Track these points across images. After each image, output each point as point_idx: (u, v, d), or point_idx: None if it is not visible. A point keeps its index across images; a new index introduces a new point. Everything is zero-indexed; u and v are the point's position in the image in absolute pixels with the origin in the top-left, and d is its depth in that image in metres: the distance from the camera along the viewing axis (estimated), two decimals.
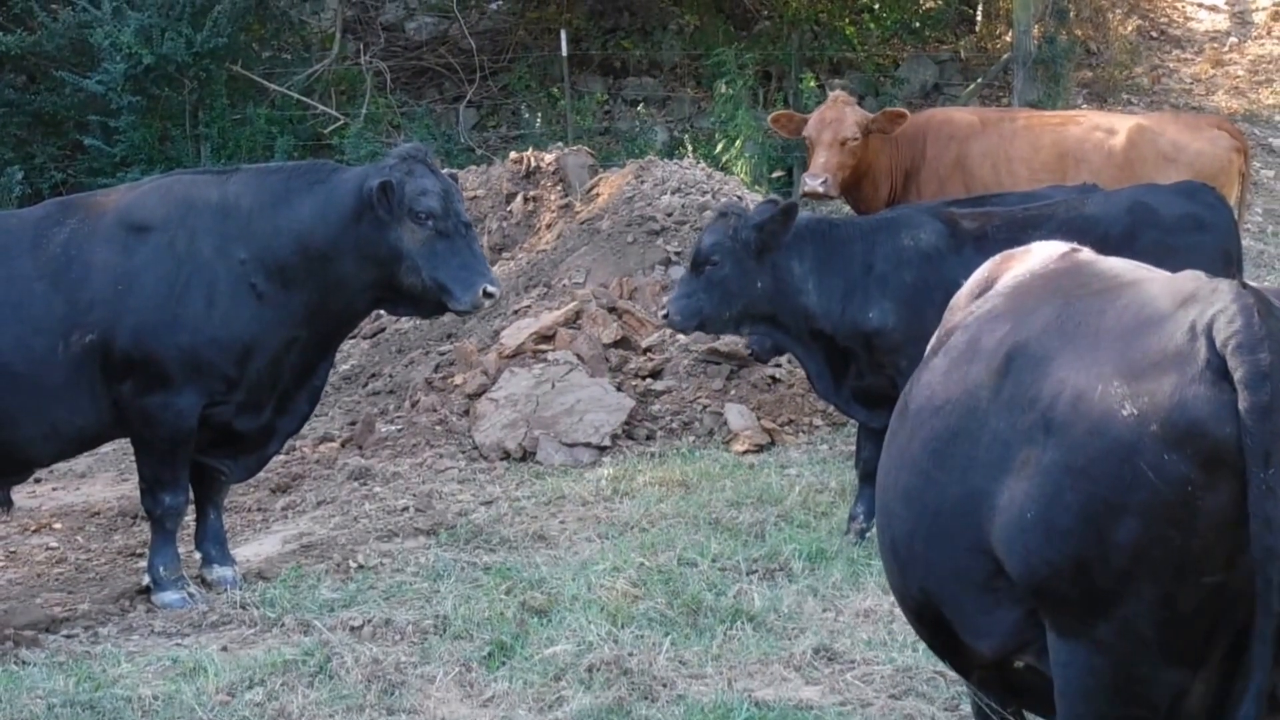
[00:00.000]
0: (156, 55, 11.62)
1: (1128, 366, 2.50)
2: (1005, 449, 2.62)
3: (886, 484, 3.00)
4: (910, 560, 2.88)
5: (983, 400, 2.71)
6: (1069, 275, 2.90)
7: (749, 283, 5.49)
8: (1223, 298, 2.50)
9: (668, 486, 6.33)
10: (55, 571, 5.85)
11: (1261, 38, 14.68)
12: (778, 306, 5.54)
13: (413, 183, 5.23)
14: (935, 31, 14.19)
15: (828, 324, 5.52)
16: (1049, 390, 2.58)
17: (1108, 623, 2.52)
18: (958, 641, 2.84)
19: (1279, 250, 10.77)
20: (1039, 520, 2.54)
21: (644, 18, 14.31)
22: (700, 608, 4.85)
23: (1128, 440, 2.45)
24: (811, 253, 5.51)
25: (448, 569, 5.36)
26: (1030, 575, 2.58)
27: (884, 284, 5.48)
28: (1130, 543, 2.46)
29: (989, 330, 2.84)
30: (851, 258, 5.53)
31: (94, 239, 5.19)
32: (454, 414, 7.31)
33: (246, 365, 5.24)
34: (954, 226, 5.57)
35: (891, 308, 5.45)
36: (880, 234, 5.59)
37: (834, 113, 7.39)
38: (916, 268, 5.47)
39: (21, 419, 5.06)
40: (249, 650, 4.70)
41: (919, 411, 2.90)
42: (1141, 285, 2.69)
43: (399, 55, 14.23)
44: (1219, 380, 2.42)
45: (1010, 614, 2.69)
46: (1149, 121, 7.72)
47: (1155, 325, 2.53)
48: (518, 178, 9.79)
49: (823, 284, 5.49)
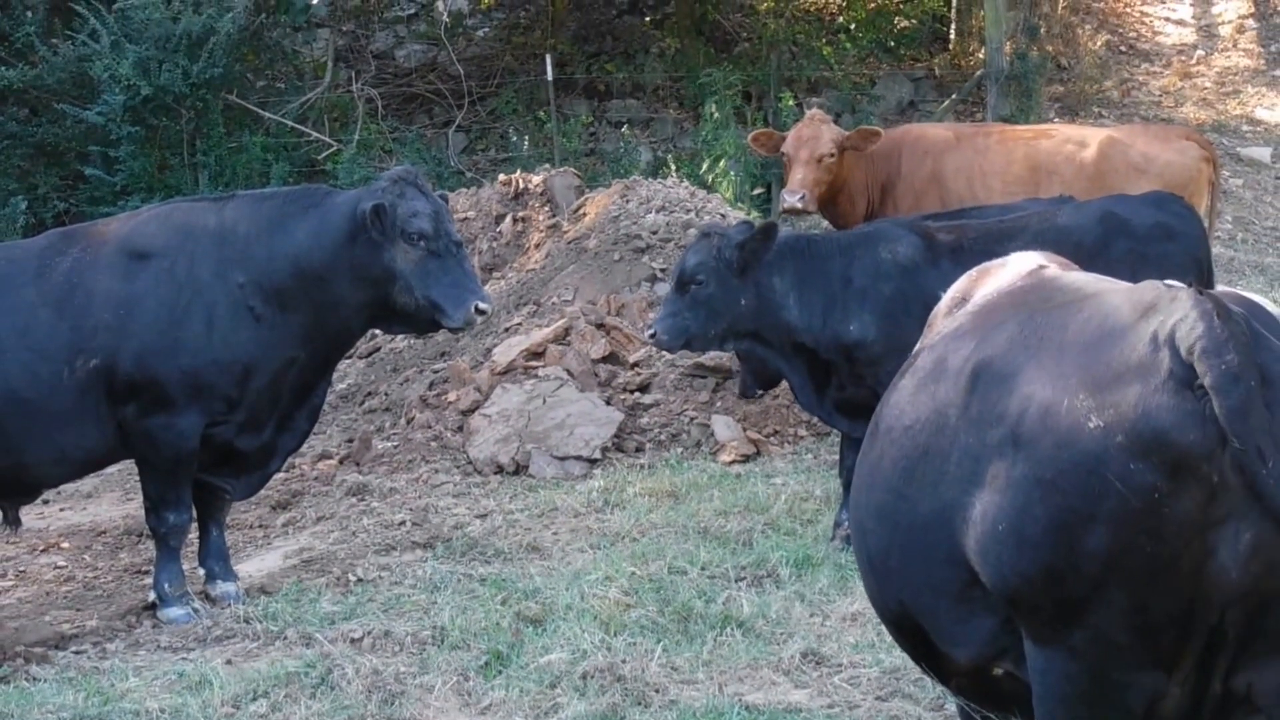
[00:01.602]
0: (154, 86, 11.74)
1: (1092, 379, 2.51)
2: (975, 464, 2.64)
3: (860, 502, 3.03)
4: (886, 575, 2.92)
5: (951, 417, 2.73)
6: (1034, 291, 2.92)
7: (733, 300, 5.57)
8: (1182, 306, 2.51)
9: (657, 497, 6.40)
10: (64, 589, 5.88)
11: (1227, 50, 14.83)
12: (761, 323, 5.62)
13: (404, 204, 5.29)
14: (910, 50, 14.34)
15: (809, 338, 5.59)
16: (1016, 405, 2.59)
17: (1082, 630, 2.54)
18: (936, 651, 2.87)
19: (1249, 257, 10.81)
20: (1010, 532, 2.56)
21: (626, 42, 14.46)
22: (691, 615, 4.91)
23: (1094, 452, 2.46)
24: (792, 269, 5.59)
25: (444, 581, 5.41)
26: (1004, 585, 2.61)
27: (863, 297, 5.55)
28: (1101, 551, 2.47)
29: (955, 349, 2.86)
30: (831, 273, 5.60)
31: (96, 267, 5.25)
32: (448, 430, 7.38)
33: (246, 386, 5.29)
34: (930, 240, 5.65)
35: (871, 320, 5.53)
36: (858, 249, 5.66)
37: (810, 130, 7.50)
38: (895, 280, 5.54)
39: (30, 443, 5.13)
40: (252, 663, 4.75)
41: (889, 431, 2.92)
42: (1103, 297, 2.70)
43: (389, 82, 14.37)
44: (1181, 389, 2.43)
45: (986, 623, 2.73)
46: (1119, 134, 7.78)
47: (1117, 336, 2.54)
48: (507, 199, 9.87)
49: (803, 299, 5.57)
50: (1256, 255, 10.97)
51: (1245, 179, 12.54)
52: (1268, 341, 2.53)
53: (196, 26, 11.98)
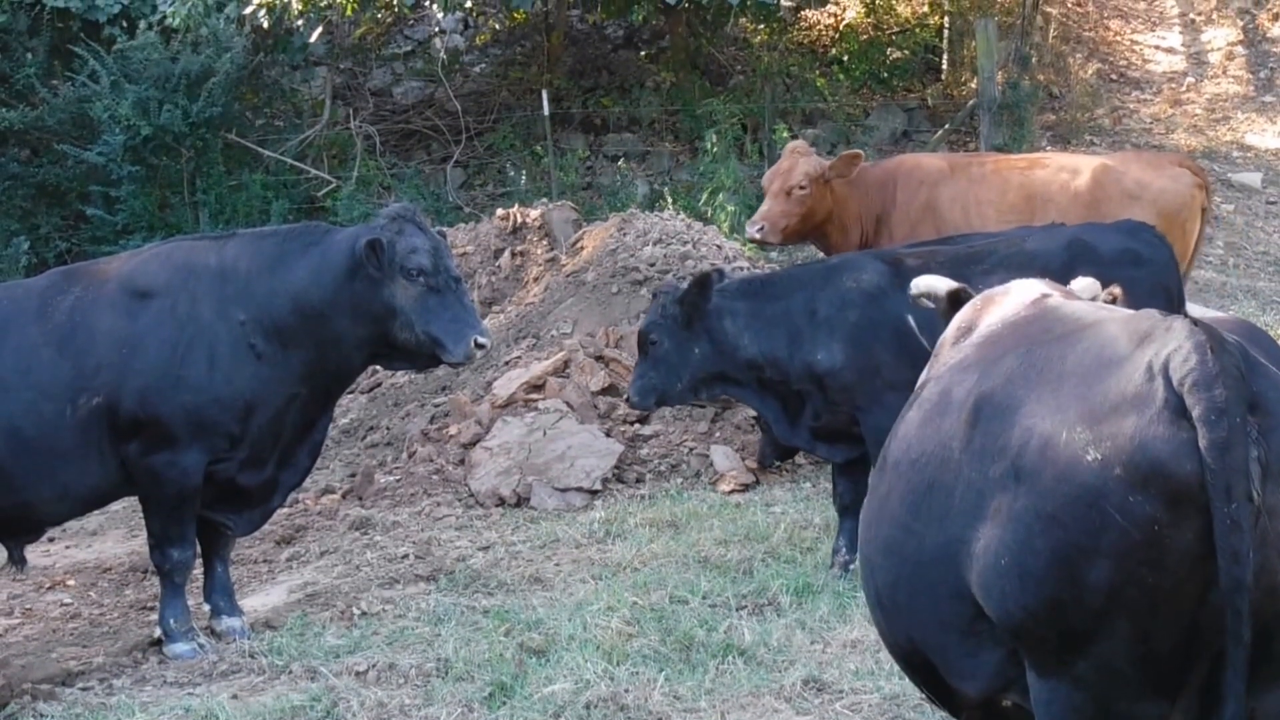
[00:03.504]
0: (154, 126, 11.82)
1: (1089, 411, 2.53)
2: (979, 497, 2.65)
3: (867, 537, 3.03)
4: (894, 610, 2.93)
5: (955, 451, 2.74)
6: (1036, 321, 2.93)
7: (688, 352, 5.74)
8: (1177, 336, 2.53)
9: (658, 527, 6.43)
10: (70, 626, 5.89)
11: (1217, 77, 14.93)
12: (723, 365, 5.76)
13: (403, 241, 5.32)
14: (903, 81, 14.44)
15: (776, 371, 5.70)
16: (1017, 438, 2.61)
17: (1086, 660, 2.55)
18: (946, 685, 2.87)
19: (1240, 282, 10.85)
20: (1013, 566, 2.57)
21: (622, 76, 14.57)
22: (692, 644, 4.93)
23: (1094, 485, 2.48)
24: (743, 309, 5.72)
25: (448, 613, 5.43)
26: (1008, 619, 2.62)
27: (830, 327, 5.66)
28: (1103, 584, 2.49)
29: (959, 381, 2.87)
30: (793, 307, 5.72)
31: (98, 305, 5.28)
32: (450, 463, 7.42)
33: (248, 423, 5.32)
34: (897, 265, 5.75)
35: (839, 348, 5.64)
36: (822, 280, 5.79)
37: (787, 163, 7.53)
38: (860, 307, 5.66)
39: (35, 481, 5.16)
40: (258, 697, 4.77)
41: (896, 465, 2.93)
42: (1100, 327, 2.71)
43: (387, 119, 14.47)
44: (1177, 419, 2.45)
45: (993, 655, 2.73)
46: (1113, 161, 7.79)
47: (1114, 367, 2.56)
48: (505, 234, 9.93)
49: (761, 336, 5.70)
50: (1248, 280, 11.03)
51: (1236, 204, 12.60)
52: (1264, 369, 2.56)
53: (195, 66, 12.08)
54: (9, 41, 12.60)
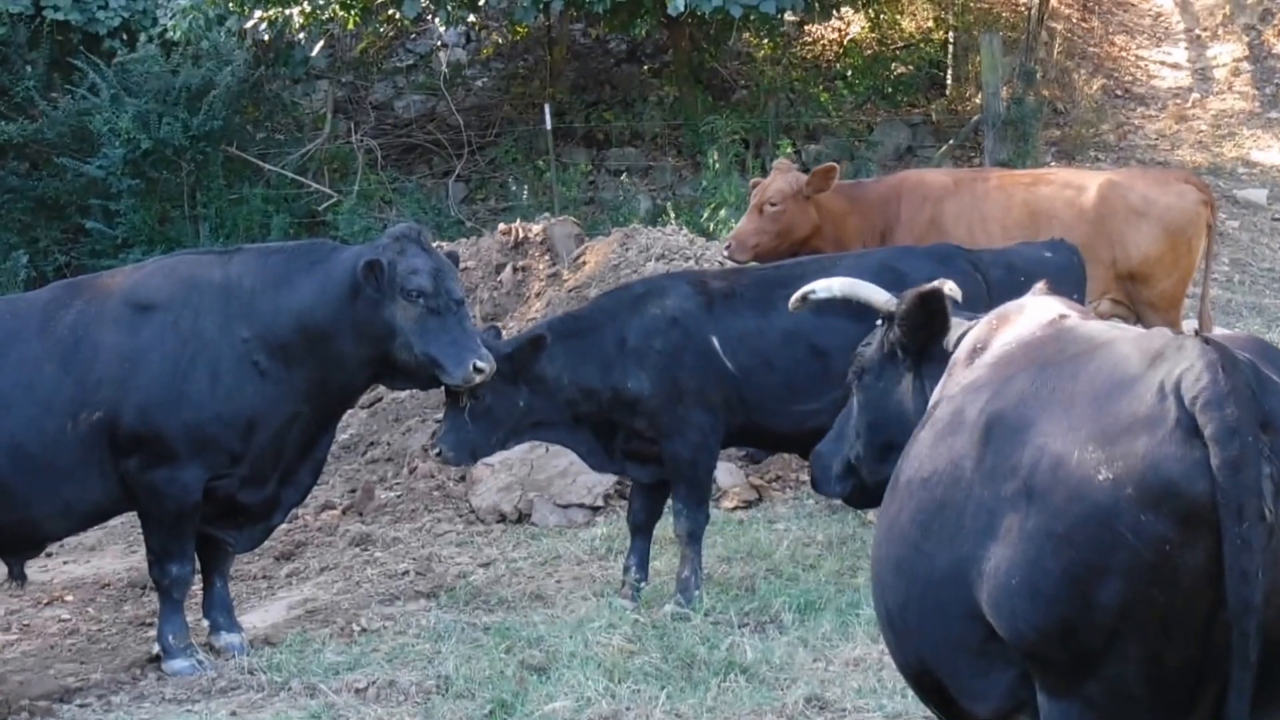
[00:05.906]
0: (154, 139, 11.85)
1: (1101, 431, 2.53)
2: (990, 517, 2.65)
3: (878, 556, 3.01)
4: (905, 630, 2.92)
5: (966, 470, 2.73)
6: (1050, 342, 2.92)
7: (512, 405, 5.62)
8: (1189, 355, 2.53)
9: (660, 544, 6.36)
10: (68, 642, 5.89)
11: (1223, 93, 14.95)
12: (543, 412, 5.68)
13: (404, 262, 5.31)
14: (907, 96, 14.45)
15: (593, 405, 5.68)
16: (1029, 458, 2.61)
17: (1096, 681, 2.55)
18: (957, 706, 2.86)
19: (1246, 299, 10.85)
20: (1024, 585, 2.57)
21: (625, 90, 14.59)
22: (694, 661, 4.92)
23: (1106, 505, 2.48)
24: (560, 352, 5.66)
25: (448, 630, 5.42)
26: (1019, 639, 2.62)
27: (639, 356, 5.66)
28: (1114, 604, 2.49)
29: (971, 401, 2.86)
30: (604, 340, 5.70)
31: (101, 319, 5.28)
32: (451, 479, 7.42)
33: (250, 440, 5.32)
34: (702, 287, 5.80)
35: (646, 376, 5.65)
36: (630, 309, 5.78)
37: (767, 180, 7.51)
38: (664, 334, 5.68)
39: (35, 498, 5.16)
40: (257, 714, 4.77)
41: (908, 484, 2.91)
42: (1113, 346, 2.71)
43: (389, 133, 14.50)
44: (1189, 438, 2.45)
45: (1004, 676, 2.72)
46: (1118, 177, 7.77)
47: (1126, 387, 2.56)
48: (507, 248, 9.92)
49: (578, 375, 5.66)
50: (1254, 297, 11.01)
51: (1242, 221, 12.60)
52: (1276, 387, 2.55)
53: (196, 79, 12.12)
54: (8, 54, 12.65)
